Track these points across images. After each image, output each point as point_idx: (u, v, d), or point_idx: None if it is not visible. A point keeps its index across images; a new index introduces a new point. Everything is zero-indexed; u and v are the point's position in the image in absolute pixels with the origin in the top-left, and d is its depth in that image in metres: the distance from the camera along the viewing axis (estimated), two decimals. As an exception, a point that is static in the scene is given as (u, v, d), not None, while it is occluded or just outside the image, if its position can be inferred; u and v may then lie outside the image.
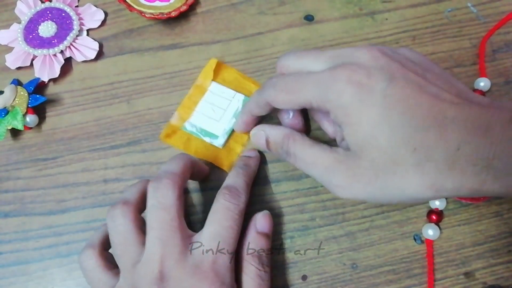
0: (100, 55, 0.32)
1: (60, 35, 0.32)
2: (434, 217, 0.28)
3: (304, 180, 0.29)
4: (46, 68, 0.31)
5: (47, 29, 0.32)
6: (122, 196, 0.25)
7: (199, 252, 0.23)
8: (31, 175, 0.30)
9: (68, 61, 0.32)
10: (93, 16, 0.33)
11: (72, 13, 0.33)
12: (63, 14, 0.33)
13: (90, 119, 0.31)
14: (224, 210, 0.24)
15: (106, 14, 0.34)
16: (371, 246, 0.28)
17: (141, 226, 0.24)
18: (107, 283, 0.24)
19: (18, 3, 0.34)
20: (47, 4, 0.33)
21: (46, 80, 0.31)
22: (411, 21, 0.33)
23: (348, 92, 0.21)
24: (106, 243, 0.25)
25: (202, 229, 0.24)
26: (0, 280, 0.28)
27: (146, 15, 0.31)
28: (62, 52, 0.32)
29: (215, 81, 0.31)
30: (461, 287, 0.27)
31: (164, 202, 0.23)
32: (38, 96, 0.30)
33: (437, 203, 0.28)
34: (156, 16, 0.31)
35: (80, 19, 0.33)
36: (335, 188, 0.23)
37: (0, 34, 0.33)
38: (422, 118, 0.20)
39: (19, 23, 0.33)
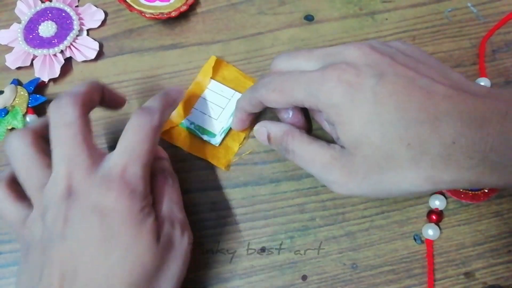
0: (100, 55, 0.32)
1: (60, 35, 0.32)
2: (434, 217, 0.28)
3: (304, 180, 0.29)
4: (46, 68, 0.31)
5: (47, 29, 0.32)
6: None
7: (108, 165, 0.22)
8: (31, 175, 0.30)
9: (68, 61, 0.32)
10: (93, 16, 0.33)
11: (72, 13, 0.33)
12: (63, 14, 0.33)
13: (90, 119, 0.31)
14: (135, 127, 0.23)
15: (106, 14, 0.34)
16: (371, 246, 0.28)
17: (44, 151, 0.23)
18: (18, 213, 0.23)
19: (18, 3, 0.34)
20: (47, 4, 0.33)
21: (46, 80, 0.31)
22: (411, 21, 0.33)
23: (338, 91, 0.21)
24: (15, 176, 0.24)
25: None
26: (0, 280, 0.28)
27: (146, 15, 0.31)
28: (62, 52, 0.32)
29: (215, 79, 0.31)
30: (461, 287, 0.27)
31: (65, 119, 0.22)
32: (38, 96, 0.30)
33: (437, 203, 0.28)
34: (156, 16, 0.31)
35: (80, 19, 0.33)
36: (331, 184, 0.23)
37: (0, 34, 0.33)
38: (415, 112, 0.20)
39: (19, 23, 0.33)
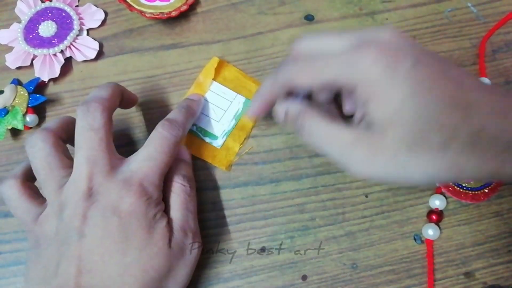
0: (100, 54, 0.32)
1: (60, 35, 0.32)
2: (434, 217, 0.28)
3: (304, 180, 0.29)
4: (46, 67, 0.31)
5: (47, 28, 0.32)
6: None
7: (129, 169, 0.23)
8: (31, 175, 0.30)
9: (68, 60, 0.32)
10: (93, 16, 0.33)
11: (72, 12, 0.33)
12: (63, 14, 0.33)
13: (90, 119, 0.31)
14: (162, 138, 0.25)
15: (106, 13, 0.33)
16: (371, 246, 0.28)
17: (63, 151, 0.24)
18: (32, 211, 0.24)
19: (18, 2, 0.34)
20: (47, 3, 0.33)
21: (46, 79, 0.31)
22: (411, 21, 0.33)
23: (376, 69, 0.21)
24: (29, 174, 0.25)
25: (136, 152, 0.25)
26: (0, 280, 0.28)
27: (146, 14, 0.31)
28: (62, 51, 0.32)
29: (216, 79, 0.31)
30: (461, 287, 0.27)
31: (93, 124, 0.23)
32: (38, 95, 0.30)
33: (437, 203, 0.28)
34: (156, 16, 0.31)
35: (80, 18, 0.33)
36: (353, 165, 0.23)
37: (0, 33, 0.33)
38: (448, 98, 0.20)
39: (19, 22, 0.33)
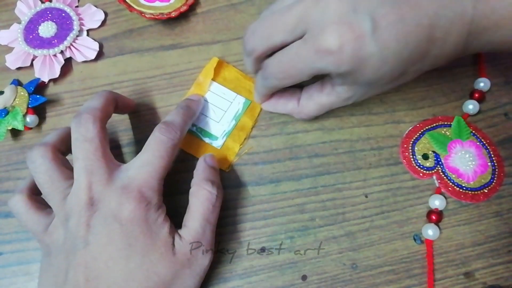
0: (100, 55, 0.32)
1: (60, 36, 0.32)
2: (434, 217, 0.28)
3: (304, 180, 0.29)
4: (46, 68, 0.31)
5: (47, 29, 0.32)
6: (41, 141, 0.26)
7: (127, 175, 0.24)
8: (32, 176, 0.30)
9: (68, 61, 0.32)
10: (93, 17, 0.33)
11: (72, 13, 0.33)
12: (63, 15, 0.33)
13: (90, 119, 0.31)
14: (158, 142, 0.25)
15: (106, 14, 0.34)
16: (371, 246, 0.28)
17: (63, 163, 0.25)
18: (41, 222, 0.25)
19: (18, 3, 0.34)
20: (47, 4, 0.33)
21: (46, 80, 0.31)
22: (411, 21, 0.33)
23: (345, 58, 0.21)
24: (34, 188, 0.26)
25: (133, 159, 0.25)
26: (1, 280, 0.28)
27: (146, 15, 0.31)
28: (62, 52, 0.32)
29: (216, 80, 0.31)
30: (461, 287, 0.27)
31: (86, 135, 0.24)
32: (38, 96, 0.30)
33: (436, 203, 0.28)
34: (156, 17, 0.31)
35: (80, 19, 0.33)
36: (351, 102, 0.26)
37: (0, 34, 0.33)
38: (414, 34, 0.21)
39: (19, 23, 0.33)
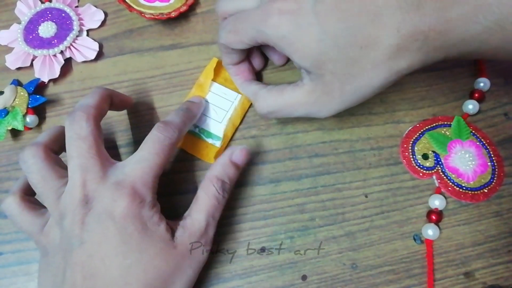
0: (100, 55, 0.32)
1: (60, 36, 0.32)
2: (434, 217, 0.28)
3: (304, 180, 0.29)
4: (46, 68, 0.31)
5: (47, 29, 0.32)
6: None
7: (122, 172, 0.24)
8: (32, 176, 0.30)
9: (68, 61, 0.32)
10: (93, 17, 0.33)
11: (72, 13, 0.33)
12: (63, 15, 0.33)
13: (90, 119, 0.31)
14: (155, 140, 0.25)
15: (106, 14, 0.34)
16: (371, 246, 0.28)
17: (56, 162, 0.25)
18: (36, 222, 0.25)
19: (18, 3, 0.34)
20: (47, 4, 0.33)
21: (46, 80, 0.31)
22: (411, 21, 0.33)
23: (284, 23, 0.22)
24: (27, 189, 0.26)
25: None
26: (1, 280, 0.28)
27: (146, 15, 0.31)
28: (62, 52, 0.32)
29: (217, 80, 0.31)
30: (461, 287, 0.27)
31: (80, 133, 0.24)
32: (38, 96, 0.30)
33: (436, 203, 0.28)
34: (156, 17, 0.31)
35: (80, 19, 0.33)
36: (319, 113, 0.25)
37: (0, 34, 0.33)
38: (357, 17, 0.21)
39: (19, 23, 0.33)
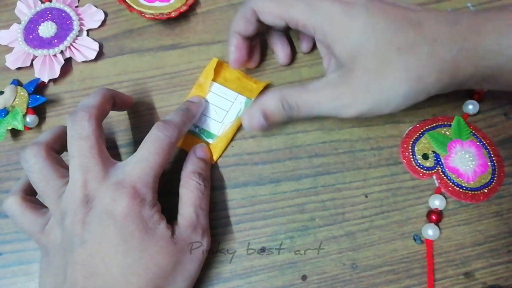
0: (100, 55, 0.32)
1: (60, 36, 0.32)
2: (434, 217, 0.28)
3: (304, 180, 0.29)
4: (46, 68, 0.31)
5: (47, 29, 0.32)
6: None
7: (123, 171, 0.24)
8: (32, 176, 0.30)
9: (68, 61, 0.32)
10: (93, 17, 0.33)
11: (72, 13, 0.33)
12: (63, 15, 0.33)
13: (90, 119, 0.31)
14: (154, 139, 0.25)
15: (106, 14, 0.34)
16: (371, 246, 0.28)
17: (57, 162, 0.25)
18: (37, 222, 0.25)
19: (18, 3, 0.34)
20: (47, 4, 0.33)
21: (46, 80, 0.31)
22: (411, 21, 0.33)
23: (336, 9, 0.24)
24: (28, 188, 0.26)
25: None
26: (1, 280, 0.28)
27: (146, 15, 0.31)
28: (62, 52, 0.32)
29: (217, 80, 0.31)
30: (461, 287, 0.27)
31: (82, 132, 0.24)
32: (38, 96, 0.30)
33: (436, 203, 0.28)
34: (156, 17, 0.31)
35: (80, 19, 0.33)
36: (343, 109, 0.24)
37: (0, 34, 0.33)
38: (401, 21, 0.23)
39: (19, 23, 0.33)
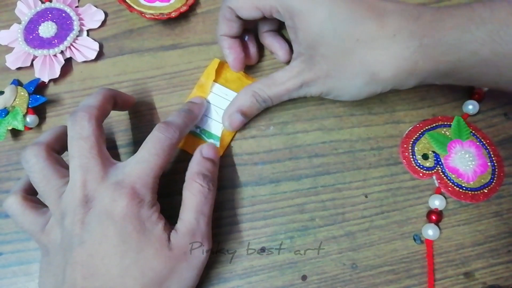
0: (100, 55, 0.32)
1: (60, 36, 0.32)
2: (434, 217, 0.28)
3: (304, 180, 0.29)
4: (46, 68, 0.31)
5: (47, 29, 0.32)
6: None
7: (123, 171, 0.24)
8: (32, 176, 0.30)
9: (68, 61, 0.32)
10: (93, 17, 0.33)
11: (72, 13, 0.33)
12: (63, 15, 0.33)
13: (90, 119, 0.31)
14: (155, 140, 0.25)
15: (106, 14, 0.34)
16: (371, 246, 0.28)
17: (58, 162, 0.25)
18: (37, 222, 0.25)
19: (19, 3, 0.34)
20: (47, 4, 0.33)
21: (46, 80, 0.31)
22: (411, 21, 0.33)
23: None
24: (29, 188, 0.26)
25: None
26: (1, 281, 0.28)
27: (146, 15, 0.31)
28: (62, 52, 0.32)
29: (218, 81, 0.31)
30: (461, 287, 0.27)
31: (82, 133, 0.24)
32: (38, 96, 0.30)
33: (436, 203, 0.28)
34: (156, 17, 0.31)
35: (80, 19, 0.33)
36: (308, 92, 0.26)
37: (0, 34, 0.33)
38: (364, 11, 0.23)
39: (19, 23, 0.33)
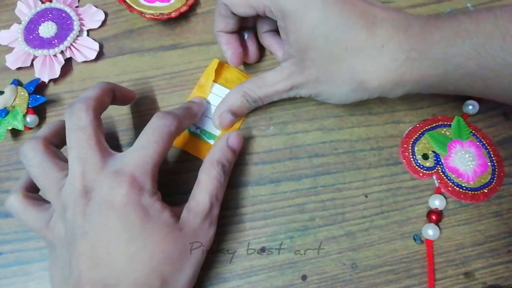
0: (100, 55, 0.32)
1: (60, 36, 0.32)
2: (434, 217, 0.28)
3: (304, 180, 0.29)
4: (47, 68, 0.31)
5: (47, 29, 0.32)
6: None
7: (121, 161, 0.23)
8: (32, 175, 0.30)
9: (68, 61, 0.32)
10: (93, 17, 0.33)
11: (72, 13, 0.33)
12: (64, 15, 0.33)
13: (90, 119, 0.31)
14: (154, 128, 0.25)
15: (106, 14, 0.34)
16: (371, 246, 0.28)
17: (56, 155, 0.25)
18: (41, 218, 0.24)
19: (19, 3, 0.34)
20: (47, 4, 0.33)
21: (47, 80, 0.31)
22: (411, 21, 0.33)
23: (292, 1, 0.24)
24: (29, 186, 0.26)
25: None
26: (1, 280, 0.28)
27: (146, 15, 0.31)
28: (62, 52, 0.32)
29: (218, 81, 0.31)
30: (461, 287, 0.27)
31: (79, 123, 0.24)
32: (38, 96, 0.30)
33: (436, 203, 0.28)
34: (156, 17, 0.31)
35: (80, 19, 0.33)
36: (298, 93, 0.27)
37: (0, 34, 0.33)
38: (356, 18, 0.23)
39: (20, 23, 0.33)
